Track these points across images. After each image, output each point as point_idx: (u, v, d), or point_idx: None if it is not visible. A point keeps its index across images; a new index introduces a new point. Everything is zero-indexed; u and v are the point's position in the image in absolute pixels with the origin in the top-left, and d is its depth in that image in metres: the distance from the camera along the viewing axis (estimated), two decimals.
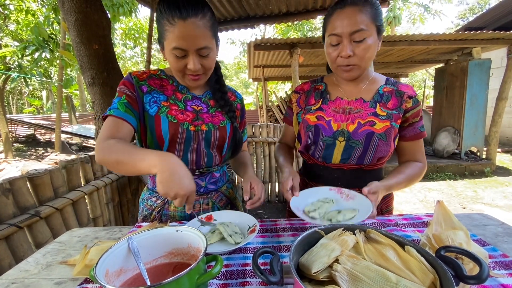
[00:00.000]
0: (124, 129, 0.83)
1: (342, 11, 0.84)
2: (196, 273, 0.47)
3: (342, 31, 0.83)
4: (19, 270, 0.69)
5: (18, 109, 18.59)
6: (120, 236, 0.86)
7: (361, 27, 0.82)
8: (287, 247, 0.76)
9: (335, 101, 0.98)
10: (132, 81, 0.89)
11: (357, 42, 0.83)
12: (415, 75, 20.56)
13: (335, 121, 0.94)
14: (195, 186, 0.70)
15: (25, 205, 1.28)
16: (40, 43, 6.83)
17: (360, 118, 0.92)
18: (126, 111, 0.84)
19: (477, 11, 20.87)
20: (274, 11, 3.31)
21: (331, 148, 0.95)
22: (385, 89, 0.96)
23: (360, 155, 0.93)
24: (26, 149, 8.71)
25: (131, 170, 0.72)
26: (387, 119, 0.91)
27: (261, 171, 3.74)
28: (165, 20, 0.77)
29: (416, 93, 0.96)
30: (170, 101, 0.92)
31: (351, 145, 0.92)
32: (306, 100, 1.05)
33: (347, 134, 0.92)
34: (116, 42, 14.51)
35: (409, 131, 0.95)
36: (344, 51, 0.84)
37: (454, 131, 5.34)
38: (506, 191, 4.10)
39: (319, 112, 0.98)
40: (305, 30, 14.59)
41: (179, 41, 0.77)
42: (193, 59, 0.81)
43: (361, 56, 0.85)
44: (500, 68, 7.07)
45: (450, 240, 0.63)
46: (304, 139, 1.00)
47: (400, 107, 0.93)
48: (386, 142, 0.91)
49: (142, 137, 0.93)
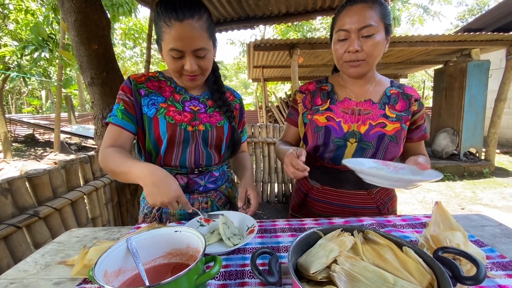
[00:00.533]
0: (123, 136, 0.88)
1: (352, 8, 0.85)
2: (195, 273, 0.47)
3: (350, 26, 0.84)
4: (18, 270, 0.69)
5: (17, 109, 18.54)
6: (119, 236, 0.86)
7: (370, 23, 0.82)
8: (286, 247, 0.76)
9: (343, 101, 0.98)
10: (130, 86, 0.91)
11: (365, 37, 0.84)
12: (415, 76, 20.61)
13: (345, 122, 0.94)
14: (180, 190, 0.72)
15: (23, 205, 1.28)
16: (39, 43, 6.81)
17: (371, 120, 0.93)
18: (123, 118, 0.88)
19: (476, 13, 20.94)
20: (273, 12, 3.31)
21: (342, 149, 0.94)
22: (392, 91, 0.97)
23: (371, 157, 0.93)
24: (25, 149, 8.70)
25: (124, 180, 0.80)
26: (397, 120, 0.92)
27: (261, 171, 3.75)
28: (162, 22, 0.78)
29: (420, 96, 0.99)
30: (168, 103, 0.93)
31: (362, 147, 0.92)
32: (312, 101, 1.03)
33: (358, 135, 0.92)
34: (115, 42, 14.50)
35: (416, 133, 0.98)
36: (352, 46, 0.85)
37: (453, 132, 5.35)
38: (504, 192, 4.11)
39: (328, 113, 0.97)
40: (304, 31, 14.60)
41: (175, 42, 0.78)
42: (189, 60, 0.82)
43: (368, 52, 0.85)
44: (499, 69, 7.08)
45: (448, 241, 0.63)
46: (313, 140, 0.98)
47: (409, 110, 0.95)
48: (397, 144, 0.92)
49: (141, 140, 0.94)
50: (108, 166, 0.81)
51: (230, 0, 2.91)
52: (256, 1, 2.94)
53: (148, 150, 0.95)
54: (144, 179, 0.71)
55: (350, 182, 0.97)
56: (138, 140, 0.96)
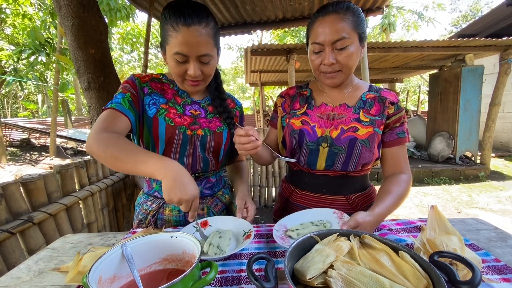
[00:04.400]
0: (122, 123, 0.82)
1: (324, 19, 0.84)
2: (191, 279, 0.47)
3: (324, 39, 0.84)
4: (11, 277, 0.68)
5: (12, 113, 18.41)
6: (114, 242, 0.85)
7: (342, 36, 0.82)
8: (282, 253, 0.75)
9: (320, 107, 0.99)
10: (135, 82, 0.91)
11: (339, 49, 0.84)
12: (410, 81, 20.84)
13: (319, 127, 0.94)
14: (198, 192, 0.71)
15: (18, 211, 1.27)
16: (36, 47, 6.81)
17: (343, 124, 0.92)
18: (129, 108, 0.84)
19: (469, 19, 21.33)
20: (270, 17, 3.35)
21: (314, 154, 0.94)
22: (368, 96, 0.96)
23: (344, 161, 0.92)
24: (20, 153, 8.61)
25: (128, 169, 0.72)
26: (370, 125, 0.91)
27: (258, 176, 3.74)
28: (169, 26, 0.79)
29: (399, 100, 0.96)
30: (169, 104, 0.93)
31: (334, 151, 0.91)
32: (291, 105, 1.05)
33: (330, 140, 0.92)
34: (113, 47, 14.50)
35: (387, 135, 0.94)
36: (326, 59, 0.85)
37: (448, 136, 5.40)
38: (500, 196, 4.14)
39: (304, 117, 0.98)
40: (301, 36, 14.74)
41: (181, 46, 0.79)
42: (193, 65, 0.83)
43: (343, 63, 0.86)
44: (492, 74, 7.19)
45: (444, 245, 0.63)
46: (289, 143, 1.00)
47: (383, 113, 0.93)
48: (370, 148, 0.90)
49: (140, 138, 0.93)
50: (108, 151, 0.71)
51: (228, 6, 2.94)
52: (253, 6, 2.97)
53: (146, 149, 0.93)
54: (165, 171, 0.67)
55: (327, 187, 0.96)
56: (140, 138, 0.94)
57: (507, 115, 7.56)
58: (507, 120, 7.60)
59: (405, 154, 0.97)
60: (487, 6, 22.31)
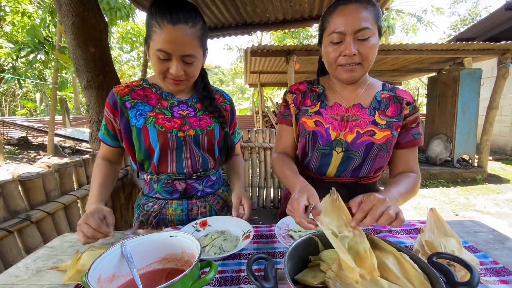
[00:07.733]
0: (105, 149, 0.98)
1: (346, 7, 0.78)
2: (190, 279, 0.47)
3: (346, 28, 0.77)
4: (9, 275, 0.68)
5: (10, 111, 18.31)
6: (113, 241, 0.85)
7: (366, 25, 0.76)
8: (282, 253, 0.76)
9: (333, 107, 0.92)
10: (110, 101, 0.91)
11: (361, 40, 0.78)
12: (409, 83, 20.91)
13: (333, 129, 0.88)
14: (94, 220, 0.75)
15: (15, 209, 1.26)
16: (35, 45, 6.78)
17: (359, 127, 0.86)
18: (104, 133, 0.96)
19: (468, 23, 21.45)
20: (271, 19, 3.35)
21: (327, 158, 0.89)
22: (383, 95, 0.91)
23: (356, 167, 0.88)
24: (18, 152, 8.56)
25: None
26: (387, 128, 0.86)
27: (257, 177, 3.74)
28: (154, 21, 0.77)
29: (414, 99, 0.92)
30: (156, 111, 0.91)
31: (349, 156, 0.87)
32: (303, 101, 0.97)
33: (345, 144, 0.86)
34: (112, 45, 14.47)
35: (403, 136, 0.89)
36: (348, 49, 0.78)
37: (446, 139, 5.42)
38: (497, 199, 4.16)
39: (317, 117, 0.91)
40: (301, 38, 14.78)
41: (164, 44, 0.77)
42: (176, 64, 0.80)
43: (365, 55, 0.79)
44: (490, 77, 7.23)
45: (442, 247, 0.63)
46: (300, 144, 0.94)
47: (400, 115, 0.88)
48: (387, 153, 0.86)
49: (130, 152, 0.95)
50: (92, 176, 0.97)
51: (228, 7, 2.94)
52: (253, 8, 2.98)
53: (139, 161, 0.94)
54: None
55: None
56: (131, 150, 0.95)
57: (505, 119, 7.60)
58: (504, 124, 7.63)
59: (416, 156, 0.93)
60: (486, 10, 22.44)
